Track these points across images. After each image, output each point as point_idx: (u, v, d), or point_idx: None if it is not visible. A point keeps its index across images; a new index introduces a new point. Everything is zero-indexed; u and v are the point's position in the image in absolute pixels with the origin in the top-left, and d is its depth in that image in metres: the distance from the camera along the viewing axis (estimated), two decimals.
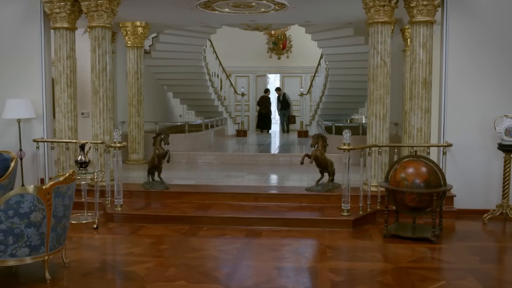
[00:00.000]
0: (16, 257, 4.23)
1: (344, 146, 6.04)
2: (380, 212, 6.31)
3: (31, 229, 4.21)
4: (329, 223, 5.99)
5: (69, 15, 6.93)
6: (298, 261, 4.98)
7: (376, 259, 5.04)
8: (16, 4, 7.11)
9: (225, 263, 4.90)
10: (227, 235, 5.73)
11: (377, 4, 6.47)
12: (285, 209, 6.41)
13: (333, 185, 6.89)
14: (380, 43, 6.57)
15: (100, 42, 6.93)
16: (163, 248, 5.36)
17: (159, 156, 6.92)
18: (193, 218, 6.15)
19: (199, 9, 7.64)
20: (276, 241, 5.55)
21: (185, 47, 10.86)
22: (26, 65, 7.12)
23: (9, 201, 4.13)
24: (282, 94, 14.91)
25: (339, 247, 5.39)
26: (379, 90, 6.61)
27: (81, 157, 6.07)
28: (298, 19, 8.75)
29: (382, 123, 6.63)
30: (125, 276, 4.53)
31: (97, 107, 7.01)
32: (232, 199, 6.70)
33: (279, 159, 9.31)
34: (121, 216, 6.26)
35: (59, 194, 4.36)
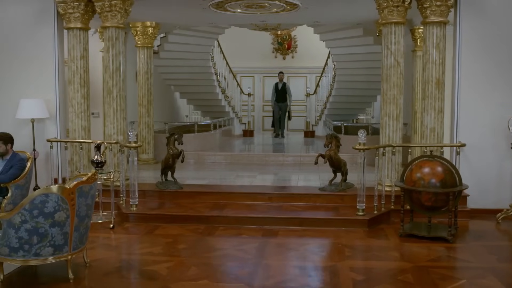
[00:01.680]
0: (40, 257, 4.25)
1: (359, 146, 6.07)
2: (394, 211, 6.35)
3: (55, 228, 4.23)
4: (344, 222, 6.02)
5: (82, 15, 6.94)
6: (317, 260, 5.01)
7: (394, 258, 5.08)
8: (29, 5, 7.12)
9: (245, 262, 4.92)
10: (244, 235, 5.76)
11: (391, 5, 6.50)
12: (299, 209, 6.44)
13: (346, 185, 6.92)
14: (394, 44, 6.60)
15: (113, 42, 6.94)
16: (182, 247, 5.38)
17: (173, 156, 6.94)
18: (208, 217, 6.17)
19: (211, 10, 7.66)
20: (293, 241, 5.58)
21: (194, 47, 10.88)
22: (40, 65, 7.13)
23: (34, 201, 4.15)
24: (282, 83, 12.72)
25: (357, 246, 5.43)
26: (393, 90, 6.64)
27: (97, 157, 6.08)
28: (308, 19, 8.77)
29: (395, 123, 6.66)
30: (147, 275, 4.55)
31: (110, 107, 7.02)
32: (247, 199, 6.72)
33: (288, 159, 9.34)
34: (137, 216, 6.28)
35: (82, 193, 4.38)
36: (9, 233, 4.19)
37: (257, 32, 12.32)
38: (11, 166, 5.94)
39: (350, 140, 8.00)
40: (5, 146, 5.96)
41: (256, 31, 11.75)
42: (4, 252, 4.25)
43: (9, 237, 4.20)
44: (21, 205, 4.16)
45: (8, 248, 4.22)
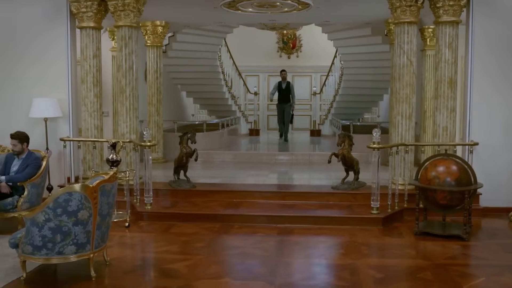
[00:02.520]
0: (63, 255, 4.27)
1: (374, 145, 6.10)
2: (407, 210, 6.39)
3: (78, 227, 4.25)
4: (359, 221, 6.06)
5: (95, 14, 6.95)
6: (335, 258, 5.04)
7: (411, 256, 5.11)
8: (41, 4, 7.13)
9: (264, 260, 4.95)
10: (260, 233, 5.78)
11: (404, 4, 6.52)
12: (313, 207, 6.47)
13: (358, 183, 6.95)
14: (406, 43, 6.63)
15: (126, 42, 6.95)
16: (199, 246, 5.40)
17: (186, 154, 6.96)
18: (223, 216, 6.20)
19: (223, 9, 7.67)
20: (309, 239, 5.62)
21: (202, 46, 10.90)
22: (53, 64, 7.14)
23: (57, 199, 4.17)
24: (286, 82, 11.67)
25: (373, 244, 5.46)
26: (405, 90, 6.67)
27: (112, 156, 6.10)
28: (318, 18, 8.80)
29: (408, 122, 6.69)
30: (168, 273, 4.57)
31: (123, 106, 7.03)
32: (260, 198, 6.75)
33: (298, 158, 9.36)
34: (151, 214, 6.30)
35: (105, 192, 4.41)
36: (33, 231, 4.21)
37: (262, 31, 12.33)
38: (27, 165, 5.96)
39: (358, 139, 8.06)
40: (21, 145, 5.97)
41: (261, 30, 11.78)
42: (27, 250, 4.27)
43: (33, 235, 4.21)
44: (45, 204, 4.18)
45: (31, 246, 4.24)
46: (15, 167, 6.03)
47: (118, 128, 7.17)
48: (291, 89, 11.70)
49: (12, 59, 7.21)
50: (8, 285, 4.27)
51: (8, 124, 7.11)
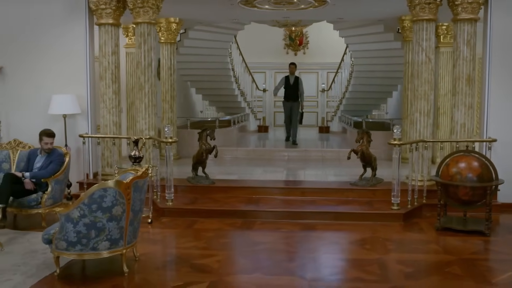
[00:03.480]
0: (97, 251, 4.31)
1: (394, 142, 6.15)
2: (426, 206, 6.46)
3: (112, 223, 4.28)
4: (379, 216, 6.11)
5: (114, 11, 6.96)
6: (362, 253, 5.09)
7: (436, 251, 5.18)
8: (60, 1, 7.13)
9: (292, 255, 5.00)
10: (283, 229, 5.83)
11: (423, 2, 6.56)
12: (333, 203, 6.52)
13: (376, 179, 7.01)
14: (425, 40, 6.67)
15: (145, 38, 6.97)
16: (225, 241, 5.45)
17: (206, 151, 7.00)
18: (245, 212, 6.24)
19: (239, 6, 7.69)
20: (332, 234, 5.67)
21: (213, 43, 10.91)
22: (71, 61, 7.15)
23: (92, 196, 4.20)
24: (294, 77, 10.44)
25: (396, 239, 5.52)
26: (424, 86, 6.72)
27: (135, 152, 6.12)
28: (332, 15, 8.82)
29: (426, 119, 6.75)
30: (199, 269, 4.61)
31: (142, 103, 7.05)
32: (279, 194, 6.81)
33: (311, 154, 9.40)
34: (173, 210, 6.33)
35: (137, 188, 4.44)
36: (67, 227, 4.24)
37: (269, 28, 12.33)
38: (50, 161, 5.98)
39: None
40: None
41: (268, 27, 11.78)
42: (62, 246, 4.30)
43: (67, 231, 4.24)
44: (80, 200, 4.21)
45: (65, 242, 4.27)
46: (39, 163, 6.05)
47: (136, 125, 7.18)
48: (299, 84, 10.43)
49: (31, 56, 7.21)
50: (42, 280, 4.30)
51: (27, 121, 7.15)
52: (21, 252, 5.02)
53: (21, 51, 7.23)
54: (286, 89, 10.62)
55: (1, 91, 7.30)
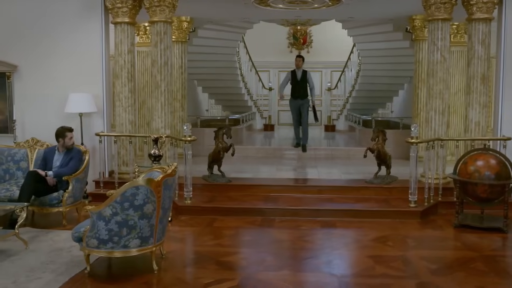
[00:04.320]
0: (128, 248, 4.33)
1: (412, 140, 6.22)
2: (441, 203, 6.54)
3: (144, 220, 4.31)
4: (397, 214, 6.18)
5: (130, 10, 6.96)
6: (385, 250, 5.14)
7: (457, 248, 5.26)
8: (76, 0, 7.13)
9: (317, 252, 5.05)
10: (303, 226, 5.88)
11: (438, 2, 6.63)
12: (351, 201, 6.58)
13: (391, 177, 7.08)
14: (440, 40, 6.74)
15: (162, 37, 6.98)
16: (248, 239, 5.50)
17: (223, 149, 7.04)
18: (264, 210, 6.29)
19: (253, 5, 7.72)
20: (354, 232, 5.73)
21: (222, 42, 10.93)
22: (87, 59, 7.14)
23: (125, 194, 4.22)
24: (301, 71, 9.05)
25: (416, 236, 5.58)
26: (439, 85, 6.80)
27: (154, 151, 6.14)
28: (343, 14, 8.87)
29: (441, 117, 6.82)
30: (227, 266, 4.65)
31: (158, 101, 7.07)
32: (296, 192, 6.85)
33: (321, 153, 9.46)
34: (191, 208, 6.36)
35: (167, 186, 4.47)
36: (99, 225, 4.26)
37: (273, 27, 12.35)
38: (70, 158, 5.99)
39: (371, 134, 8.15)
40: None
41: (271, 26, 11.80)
42: (93, 244, 4.32)
43: (99, 229, 4.26)
44: (112, 198, 4.23)
45: (97, 240, 4.29)
46: (58, 161, 6.06)
47: (152, 123, 7.20)
48: (309, 79, 9.04)
49: (46, 54, 7.20)
50: (73, 278, 4.32)
51: (42, 120, 7.14)
52: (46, 250, 5.03)
53: (36, 50, 7.22)
54: (293, 85, 9.12)
55: (17, 90, 7.30)
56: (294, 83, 9.22)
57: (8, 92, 7.32)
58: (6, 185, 6.13)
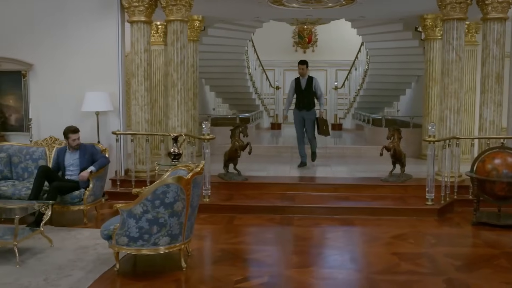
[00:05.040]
0: (157, 246, 4.35)
1: (429, 138, 6.28)
2: (457, 201, 6.61)
3: (173, 218, 4.34)
4: (415, 212, 6.25)
5: (147, 8, 6.98)
6: (407, 247, 5.20)
7: (478, 245, 5.33)
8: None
9: (340, 250, 5.10)
10: (322, 224, 5.93)
11: (454, 1, 6.70)
12: (367, 199, 6.63)
13: (405, 176, 7.14)
14: (455, 39, 6.81)
15: (178, 36, 7.01)
16: (270, 237, 5.54)
17: (239, 147, 7.07)
18: (282, 208, 6.33)
19: (267, 4, 7.75)
20: (373, 229, 5.77)
21: (231, 41, 10.96)
22: (103, 58, 7.16)
23: (156, 191, 4.25)
24: (307, 78, 7.97)
25: (436, 234, 5.64)
26: (454, 84, 6.86)
27: (174, 149, 6.17)
28: (355, 14, 8.92)
29: (456, 116, 6.89)
30: (254, 263, 4.70)
31: (175, 100, 7.09)
32: (312, 190, 6.90)
33: (332, 151, 9.51)
34: (210, 206, 6.39)
35: (196, 184, 4.50)
36: (129, 223, 4.29)
37: (278, 26, 12.38)
38: (90, 153, 5.97)
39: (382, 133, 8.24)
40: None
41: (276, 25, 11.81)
42: (123, 241, 4.34)
43: (129, 227, 4.29)
44: (143, 196, 4.25)
45: (127, 238, 4.32)
46: (71, 160, 5.99)
47: (168, 122, 7.22)
48: (315, 87, 8.03)
49: (62, 53, 7.22)
50: (103, 276, 4.35)
51: (58, 118, 7.13)
52: (71, 248, 5.05)
53: (52, 49, 7.23)
54: (297, 94, 8.04)
55: (33, 89, 7.31)
56: (298, 92, 8.04)
57: (24, 91, 7.33)
58: (26, 183, 6.14)
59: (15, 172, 6.47)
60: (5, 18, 7.27)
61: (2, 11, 7.28)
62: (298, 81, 8.12)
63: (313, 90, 8.05)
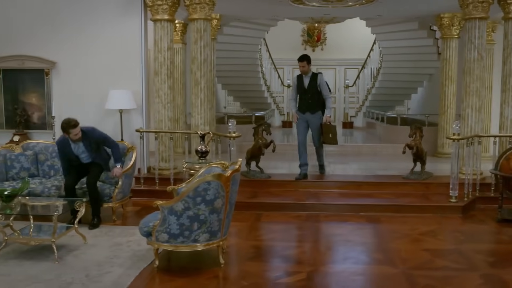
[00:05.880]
0: (197, 243, 4.40)
1: (453, 136, 6.35)
2: (479, 198, 6.68)
3: (214, 215, 4.38)
4: (439, 209, 6.32)
5: (170, 7, 7.02)
6: (438, 244, 5.27)
7: (506, 241, 5.40)
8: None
9: (371, 246, 5.16)
10: (350, 221, 5.99)
11: (476, 0, 6.76)
12: (391, 196, 6.69)
13: (426, 173, 7.21)
14: (477, 38, 6.87)
15: (202, 34, 7.05)
16: (301, 233, 5.61)
17: (262, 145, 7.12)
18: (307, 205, 6.39)
19: (288, 3, 7.79)
20: (400, 226, 5.83)
21: (246, 39, 11.00)
22: (126, 56, 7.20)
23: (197, 188, 4.29)
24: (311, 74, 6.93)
25: (463, 231, 5.71)
26: (475, 83, 6.93)
27: (201, 147, 6.20)
28: (372, 12, 8.97)
29: (477, 115, 6.96)
30: (289, 259, 4.75)
31: (198, 98, 7.14)
32: (335, 188, 6.95)
33: (347, 149, 9.58)
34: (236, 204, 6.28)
35: (235, 181, 4.55)
36: (170, 220, 4.33)
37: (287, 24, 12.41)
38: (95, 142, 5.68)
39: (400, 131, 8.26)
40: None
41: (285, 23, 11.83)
42: (163, 238, 4.39)
43: (170, 223, 4.33)
44: (184, 193, 4.29)
45: (167, 234, 4.36)
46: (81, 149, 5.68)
47: (192, 120, 7.27)
48: (321, 85, 6.91)
49: (86, 51, 7.26)
50: (143, 272, 4.39)
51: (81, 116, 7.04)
52: (105, 245, 5.09)
53: (75, 46, 7.27)
54: (300, 94, 7.02)
55: (56, 87, 7.34)
56: (301, 92, 6.97)
57: (47, 89, 7.36)
58: (54, 181, 6.16)
59: (42, 170, 6.48)
60: (28, 17, 7.30)
61: (25, 10, 7.30)
62: (301, 79, 6.96)
63: (318, 89, 6.87)
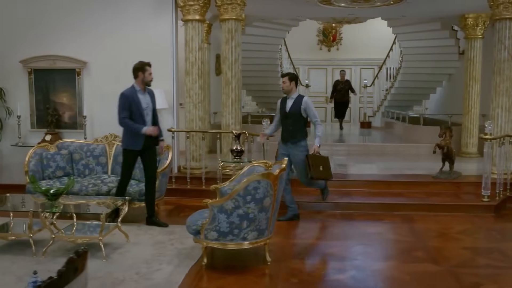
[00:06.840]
0: (246, 241, 4.45)
1: (486, 136, 6.40)
2: (509, 198, 6.72)
3: (262, 213, 4.44)
4: (471, 208, 6.37)
5: (201, 7, 7.08)
6: (475, 242, 5.32)
7: None
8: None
9: (412, 245, 5.19)
10: (385, 220, 6.05)
11: (507, 1, 6.81)
12: (422, 195, 6.75)
13: (455, 173, 7.26)
14: (508, 38, 6.92)
15: (233, 35, 7.11)
16: (337, 232, 5.66)
17: None
18: (340, 204, 6.45)
19: (315, 3, 7.84)
20: (435, 225, 5.89)
21: (267, 39, 11.07)
22: (158, 56, 7.17)
23: (247, 187, 4.35)
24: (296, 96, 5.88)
25: (499, 229, 5.77)
26: (505, 83, 6.98)
27: (237, 146, 6.28)
28: (396, 13, 9.02)
29: (508, 114, 7.01)
30: (332, 257, 4.80)
31: (229, 98, 7.20)
32: (366, 187, 7.01)
33: (369, 148, 9.64)
34: None
35: (281, 180, 4.60)
36: (220, 218, 4.39)
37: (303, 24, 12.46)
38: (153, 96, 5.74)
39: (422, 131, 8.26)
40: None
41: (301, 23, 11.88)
42: (212, 236, 4.44)
43: (220, 222, 4.39)
44: (235, 192, 4.35)
45: (217, 233, 4.42)
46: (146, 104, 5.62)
47: (222, 119, 7.33)
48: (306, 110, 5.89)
49: (117, 50, 7.31)
50: (192, 269, 4.44)
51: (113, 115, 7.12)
52: (148, 243, 5.15)
53: (106, 47, 7.33)
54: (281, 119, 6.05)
55: (87, 87, 7.40)
56: (282, 116, 6.01)
57: (78, 89, 7.43)
58: (90, 180, 6.23)
59: (76, 169, 6.56)
60: (60, 17, 7.37)
61: (57, 10, 7.37)
62: (284, 101, 6.00)
63: (303, 114, 5.88)
